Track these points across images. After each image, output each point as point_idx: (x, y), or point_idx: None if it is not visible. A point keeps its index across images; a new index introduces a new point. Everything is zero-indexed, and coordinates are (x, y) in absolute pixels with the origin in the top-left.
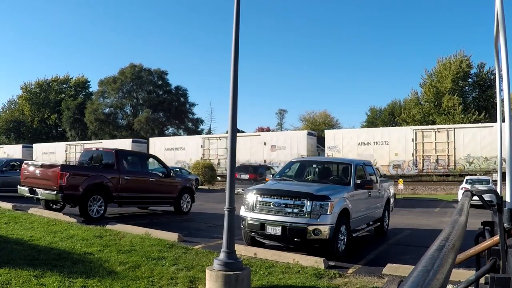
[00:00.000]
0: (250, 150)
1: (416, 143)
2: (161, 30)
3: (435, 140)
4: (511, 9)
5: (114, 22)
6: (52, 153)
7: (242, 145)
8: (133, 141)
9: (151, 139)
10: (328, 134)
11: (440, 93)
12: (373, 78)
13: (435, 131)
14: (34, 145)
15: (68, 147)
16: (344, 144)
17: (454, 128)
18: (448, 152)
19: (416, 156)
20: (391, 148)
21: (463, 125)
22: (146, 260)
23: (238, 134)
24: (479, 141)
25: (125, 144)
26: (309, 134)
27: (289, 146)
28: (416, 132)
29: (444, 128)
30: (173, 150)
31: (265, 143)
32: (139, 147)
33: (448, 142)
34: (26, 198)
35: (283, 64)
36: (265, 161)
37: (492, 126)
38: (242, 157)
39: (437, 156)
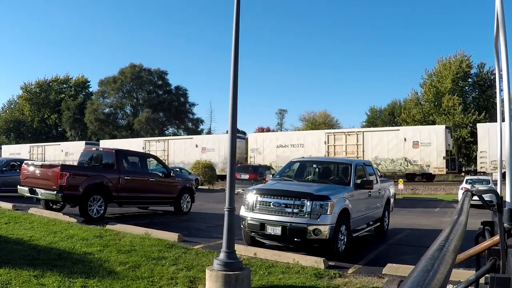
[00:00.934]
0: (184, 152)
1: (328, 146)
2: (161, 30)
3: (346, 142)
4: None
5: (114, 22)
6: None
7: (178, 146)
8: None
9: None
10: (251, 137)
11: (440, 93)
12: (373, 78)
13: (346, 134)
14: (3, 146)
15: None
16: (265, 146)
17: (363, 132)
18: (357, 154)
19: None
20: (306, 150)
21: (371, 128)
22: (146, 260)
23: (175, 138)
24: (385, 143)
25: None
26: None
27: (217, 149)
28: (328, 135)
29: (354, 132)
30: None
31: (196, 145)
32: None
33: (357, 145)
34: (26, 198)
35: (283, 64)
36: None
37: (398, 130)
38: (177, 159)
39: (347, 157)
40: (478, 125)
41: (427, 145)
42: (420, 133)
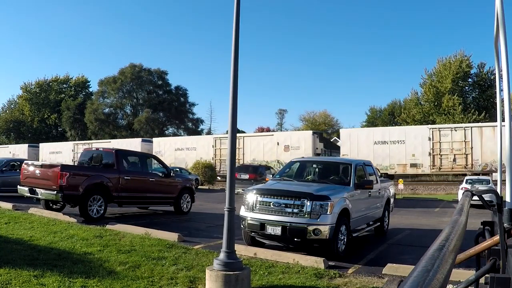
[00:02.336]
0: (263, 149)
1: (215, 149)
2: (161, 30)
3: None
4: (511, 9)
5: (114, 22)
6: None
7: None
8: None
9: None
10: (155, 141)
11: (440, 93)
12: (373, 78)
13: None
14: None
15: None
16: (166, 149)
17: (243, 137)
18: (239, 157)
19: (215, 160)
20: (198, 153)
21: (251, 134)
22: (146, 260)
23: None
24: (262, 148)
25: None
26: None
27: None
28: (215, 140)
29: (266, 135)
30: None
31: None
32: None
33: (238, 148)
34: (26, 198)
35: (283, 63)
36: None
37: (273, 135)
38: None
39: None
40: (341, 130)
41: (296, 149)
42: (291, 138)
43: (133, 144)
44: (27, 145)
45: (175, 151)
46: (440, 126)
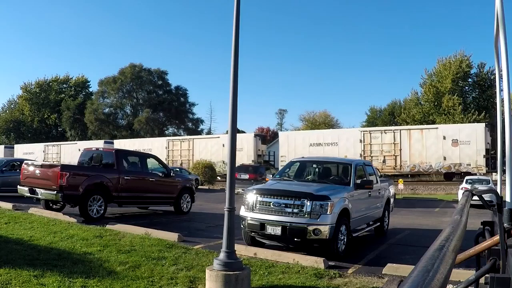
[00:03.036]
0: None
1: (168, 150)
2: (161, 30)
3: (181, 147)
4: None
5: (114, 21)
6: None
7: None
8: None
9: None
10: (116, 142)
11: (440, 93)
12: (373, 78)
13: (181, 141)
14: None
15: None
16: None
17: (193, 139)
18: (189, 158)
19: (168, 161)
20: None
21: (199, 136)
22: (146, 260)
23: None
24: (209, 148)
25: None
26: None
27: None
28: (168, 142)
29: (186, 139)
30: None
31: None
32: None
33: (188, 150)
34: (26, 198)
35: (283, 63)
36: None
37: (219, 137)
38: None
39: (181, 160)
40: (280, 133)
41: (239, 150)
42: (241, 140)
43: (97, 145)
44: (3, 146)
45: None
46: (371, 128)
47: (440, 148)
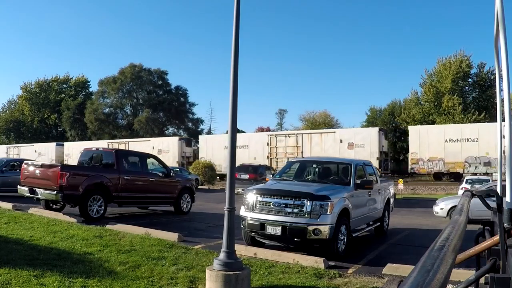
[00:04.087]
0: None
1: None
2: (161, 30)
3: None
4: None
5: (114, 22)
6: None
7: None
8: None
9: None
10: (66, 145)
11: (440, 93)
12: (373, 78)
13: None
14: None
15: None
16: (73, 152)
17: (128, 142)
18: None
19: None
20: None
21: (135, 139)
22: (146, 260)
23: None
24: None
25: None
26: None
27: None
28: (108, 144)
29: (144, 140)
30: None
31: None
32: None
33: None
34: (26, 198)
35: (283, 63)
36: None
37: (149, 140)
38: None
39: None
40: (200, 136)
41: (166, 152)
42: (162, 143)
43: (49, 148)
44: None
45: (79, 153)
46: (277, 133)
47: (337, 150)
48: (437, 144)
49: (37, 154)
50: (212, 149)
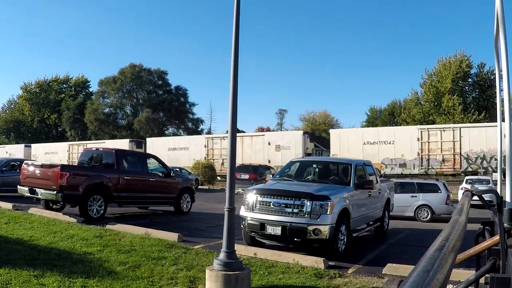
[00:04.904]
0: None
1: (69, 153)
2: (161, 29)
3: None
4: (511, 9)
5: (114, 22)
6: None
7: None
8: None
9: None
10: (33, 146)
11: (440, 93)
12: (373, 78)
13: (83, 145)
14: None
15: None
16: (39, 153)
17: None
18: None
19: (69, 162)
20: (59, 156)
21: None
22: (146, 260)
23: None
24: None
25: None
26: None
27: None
28: (69, 146)
29: (94, 143)
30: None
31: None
32: None
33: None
34: (26, 198)
35: (283, 63)
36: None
37: (104, 142)
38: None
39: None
40: (147, 139)
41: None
42: (115, 145)
43: (18, 149)
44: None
45: (45, 154)
46: (214, 136)
47: (266, 152)
48: (356, 147)
49: (8, 155)
50: (158, 151)
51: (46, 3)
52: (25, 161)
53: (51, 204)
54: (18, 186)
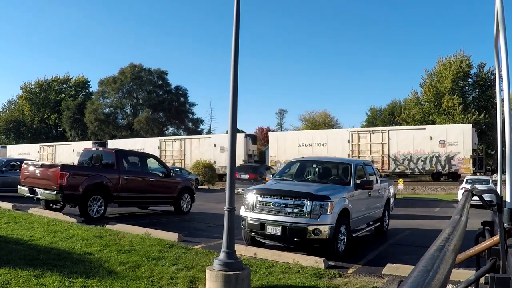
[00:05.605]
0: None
1: (41, 154)
2: (161, 30)
3: (172, 148)
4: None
5: (114, 22)
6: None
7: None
8: None
9: None
10: (8, 147)
11: (440, 93)
12: (373, 78)
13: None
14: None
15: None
16: (14, 154)
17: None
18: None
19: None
20: (33, 157)
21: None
22: (146, 260)
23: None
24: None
25: None
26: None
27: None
28: (40, 147)
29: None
30: None
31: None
32: None
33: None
34: (26, 198)
35: (283, 63)
36: None
37: (70, 144)
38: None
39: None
40: (109, 141)
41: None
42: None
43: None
44: None
45: (18, 155)
46: (166, 138)
47: (212, 153)
48: (292, 149)
49: None
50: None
51: (46, 3)
52: (25, 161)
53: (51, 204)
54: (18, 186)
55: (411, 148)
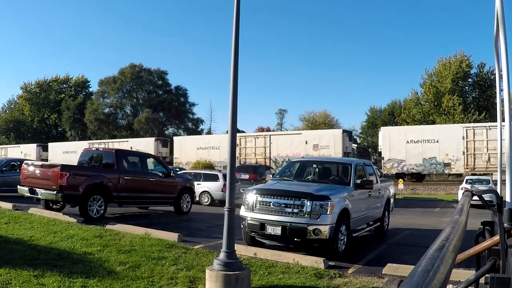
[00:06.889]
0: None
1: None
2: (161, 30)
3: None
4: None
5: (114, 22)
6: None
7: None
8: None
9: None
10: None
11: (440, 93)
12: (373, 78)
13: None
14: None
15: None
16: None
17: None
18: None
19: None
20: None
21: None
22: (146, 260)
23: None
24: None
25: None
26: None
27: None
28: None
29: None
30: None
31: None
32: None
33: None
34: (26, 198)
35: (283, 63)
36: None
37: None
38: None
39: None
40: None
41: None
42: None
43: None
44: None
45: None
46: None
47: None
48: (192, 151)
49: None
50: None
51: (46, 3)
52: (25, 161)
53: (51, 204)
54: (18, 186)
55: (289, 152)
